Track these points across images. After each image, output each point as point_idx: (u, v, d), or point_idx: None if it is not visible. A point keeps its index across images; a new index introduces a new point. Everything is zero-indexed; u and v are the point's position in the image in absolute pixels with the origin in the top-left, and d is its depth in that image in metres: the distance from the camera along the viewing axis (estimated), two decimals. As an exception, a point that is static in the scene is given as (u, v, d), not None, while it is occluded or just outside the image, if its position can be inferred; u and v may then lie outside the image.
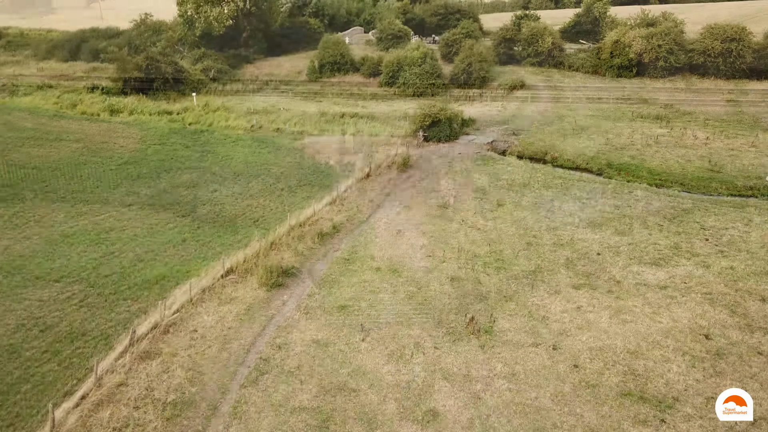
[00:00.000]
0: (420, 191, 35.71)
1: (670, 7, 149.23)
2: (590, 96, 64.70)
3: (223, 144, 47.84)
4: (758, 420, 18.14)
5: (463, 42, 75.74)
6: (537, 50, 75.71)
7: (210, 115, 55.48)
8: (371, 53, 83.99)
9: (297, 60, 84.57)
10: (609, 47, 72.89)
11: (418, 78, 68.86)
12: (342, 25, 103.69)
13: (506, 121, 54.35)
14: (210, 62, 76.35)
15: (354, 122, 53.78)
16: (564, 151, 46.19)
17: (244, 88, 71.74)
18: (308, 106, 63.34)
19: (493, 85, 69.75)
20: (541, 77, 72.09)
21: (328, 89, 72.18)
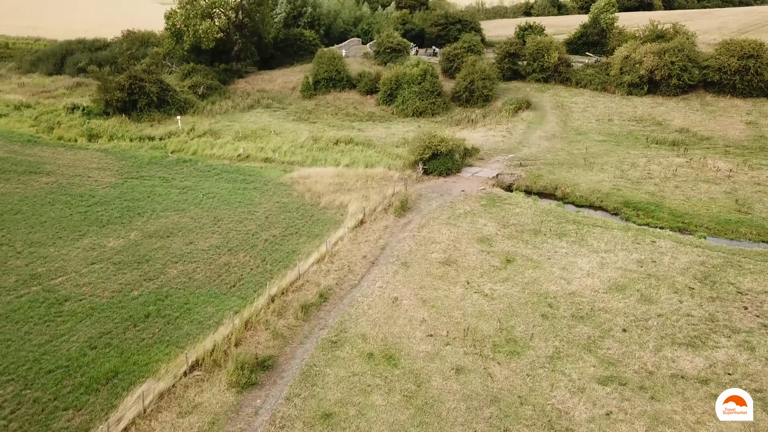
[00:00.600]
0: (419, 242, 31.99)
1: (677, 14, 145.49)
2: (600, 117, 61.02)
3: (206, 177, 44.12)
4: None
5: (465, 57, 72.05)
6: (542, 65, 72.02)
7: (195, 142, 51.77)
8: (369, 67, 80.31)
9: (291, 74, 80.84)
10: (618, 63, 69.23)
11: (418, 97, 65.16)
12: (339, 35, 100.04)
13: (512, 149, 50.64)
14: (199, 78, 72.59)
15: (349, 150, 50.07)
16: (576, 186, 42.50)
17: (234, 105, 67.96)
18: (301, 128, 59.66)
19: (497, 104, 66.04)
20: (548, 95, 68.40)
21: (323, 108, 68.45)
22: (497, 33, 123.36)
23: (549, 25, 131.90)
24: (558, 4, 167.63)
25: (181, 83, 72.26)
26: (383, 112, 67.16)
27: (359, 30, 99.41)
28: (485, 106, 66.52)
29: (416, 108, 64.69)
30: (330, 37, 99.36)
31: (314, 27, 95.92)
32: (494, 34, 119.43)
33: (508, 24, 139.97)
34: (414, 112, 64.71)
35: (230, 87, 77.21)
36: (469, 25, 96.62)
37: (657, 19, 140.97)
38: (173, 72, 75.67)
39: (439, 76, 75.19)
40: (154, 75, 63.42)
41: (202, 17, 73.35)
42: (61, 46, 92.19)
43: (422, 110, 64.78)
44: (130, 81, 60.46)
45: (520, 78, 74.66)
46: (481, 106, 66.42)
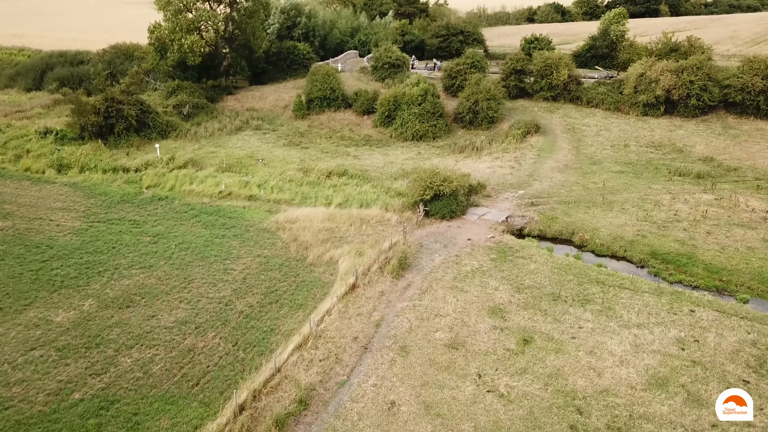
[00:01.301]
0: (421, 316, 27.35)
1: (685, 20, 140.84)
2: (615, 142, 56.40)
3: (182, 220, 39.47)
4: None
5: (469, 75, 67.46)
6: (551, 83, 67.42)
7: (174, 175, 47.09)
8: (366, 84, 75.73)
9: (283, 90, 76.18)
10: (633, 81, 64.63)
11: (418, 119, 60.54)
12: (335, 46, 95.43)
13: (522, 183, 45.99)
14: (184, 96, 67.96)
15: (342, 185, 45.42)
16: (595, 232, 37.88)
17: (221, 127, 63.32)
18: (291, 155, 55.05)
19: (503, 126, 61.43)
20: (558, 116, 63.79)
21: (316, 131, 63.82)
22: (501, 43, 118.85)
23: (553, 34, 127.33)
24: (562, 10, 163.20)
25: (165, 102, 67.68)
26: (381, 134, 62.53)
27: (356, 41, 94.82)
28: (490, 128, 62.00)
29: (416, 131, 60.09)
30: (325, 49, 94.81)
31: (309, 38, 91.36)
32: (497, 44, 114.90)
33: (512, 32, 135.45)
34: (414, 135, 60.10)
35: (219, 104, 72.66)
36: (471, 36, 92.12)
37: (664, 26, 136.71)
38: (157, 89, 71.04)
39: (441, 93, 70.71)
40: (133, 96, 58.76)
41: (188, 31, 68.67)
42: (41, 59, 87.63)
43: (423, 134, 60.19)
44: (107, 104, 55.80)
45: (527, 96, 70.10)
46: (485, 128, 61.91)
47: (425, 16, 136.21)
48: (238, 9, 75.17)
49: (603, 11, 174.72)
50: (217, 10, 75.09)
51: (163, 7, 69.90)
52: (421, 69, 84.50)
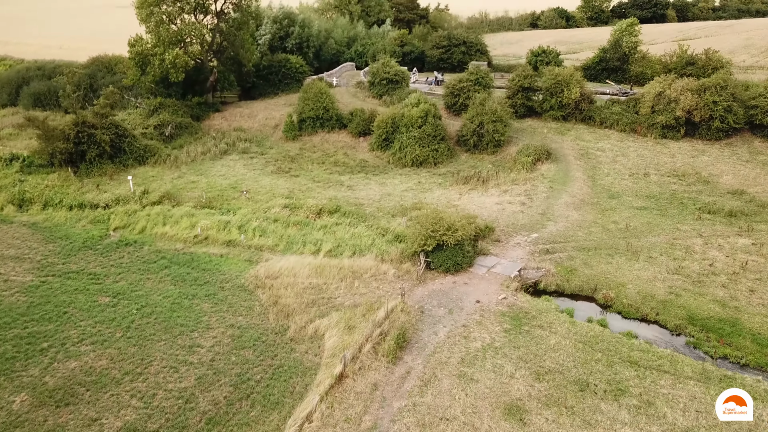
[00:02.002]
0: (422, 421, 22.48)
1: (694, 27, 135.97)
2: (634, 170, 51.53)
3: (149, 273, 34.58)
4: None
5: (472, 93, 62.66)
6: (561, 102, 62.55)
7: (146, 213, 42.20)
8: (362, 100, 70.95)
9: (274, 107, 71.39)
10: (650, 100, 59.78)
11: (418, 143, 55.68)
12: (330, 57, 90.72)
13: (534, 224, 41.09)
14: (166, 115, 63.14)
15: (333, 225, 40.53)
16: (621, 288, 33.04)
17: (205, 151, 58.43)
18: (279, 185, 50.23)
19: (511, 151, 56.59)
20: (569, 139, 58.93)
21: (308, 154, 58.94)
22: (504, 51, 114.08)
23: (559, 42, 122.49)
24: (566, 16, 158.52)
25: (145, 122, 62.85)
26: (378, 159, 57.67)
27: (353, 52, 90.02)
28: (496, 152, 57.20)
29: (416, 157, 55.24)
30: (320, 60, 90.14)
31: (303, 49, 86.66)
32: (501, 54, 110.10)
33: (516, 40, 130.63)
34: (413, 161, 55.26)
35: (205, 123, 67.90)
36: (474, 47, 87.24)
37: (673, 33, 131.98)
38: (138, 107, 66.15)
39: (442, 111, 65.95)
40: (108, 118, 53.86)
41: (170, 44, 63.79)
42: (17, 72, 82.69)
43: (423, 159, 55.36)
44: (77, 129, 50.92)
45: (535, 115, 65.25)
46: (491, 152, 57.10)
47: (425, 23, 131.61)
48: (226, 20, 70.40)
49: (608, 17, 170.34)
50: (204, 21, 70.35)
51: (145, 19, 65.13)
52: (421, 83, 79.71)
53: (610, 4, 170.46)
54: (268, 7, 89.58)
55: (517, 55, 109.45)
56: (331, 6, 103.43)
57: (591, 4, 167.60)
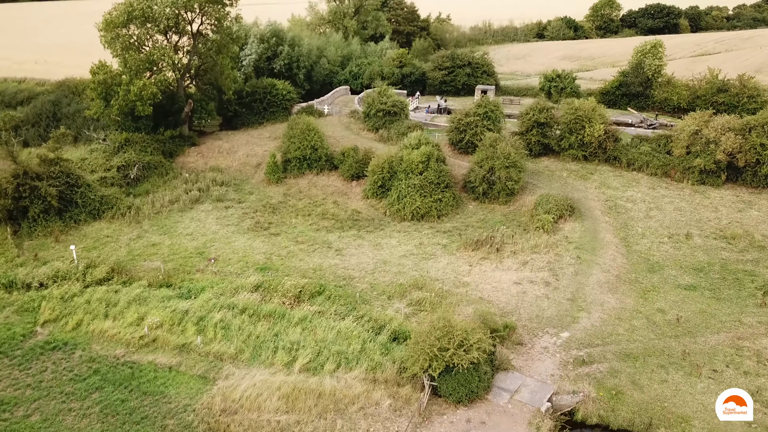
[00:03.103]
0: None
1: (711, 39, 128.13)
2: (673, 230, 43.76)
3: (72, 401, 26.83)
4: None
5: (480, 130, 55.09)
6: (582, 139, 54.89)
7: (86, 298, 34.43)
8: (356, 134, 63.38)
9: (258, 140, 63.68)
10: (685, 140, 52.02)
11: (419, 192, 47.95)
12: (323, 78, 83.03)
13: (563, 316, 33.31)
14: (132, 154, 55.41)
15: (315, 315, 32.77)
16: (685, 423, 25.32)
17: (173, 199, 50.66)
18: (255, 248, 42.56)
19: (526, 200, 48.88)
20: (593, 185, 51.25)
21: (292, 203, 51.19)
22: (512, 69, 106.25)
23: (569, 56, 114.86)
24: (574, 26, 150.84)
25: (107, 162, 55.05)
26: (372, 209, 49.94)
27: (347, 73, 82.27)
28: (509, 201, 49.53)
29: (416, 209, 47.51)
30: (312, 81, 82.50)
31: (292, 70, 79.01)
32: (508, 71, 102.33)
33: (522, 53, 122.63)
34: (414, 214, 47.54)
35: (178, 160, 60.23)
36: (480, 68, 79.45)
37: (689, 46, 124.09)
38: (103, 143, 58.36)
39: (446, 148, 58.37)
40: (57, 166, 46.10)
41: (137, 72, 56.07)
42: (-23, 98, 74.88)
43: (425, 212, 47.66)
44: (17, 181, 43.23)
45: (551, 153, 57.60)
46: (503, 201, 49.42)
47: (426, 35, 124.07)
48: (204, 42, 62.66)
49: (618, 26, 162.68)
50: (180, 42, 62.65)
51: (110, 43, 57.37)
52: (421, 111, 71.99)
53: (620, 13, 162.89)
54: (255, 23, 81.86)
55: (525, 72, 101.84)
56: (324, 21, 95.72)
57: (599, 13, 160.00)
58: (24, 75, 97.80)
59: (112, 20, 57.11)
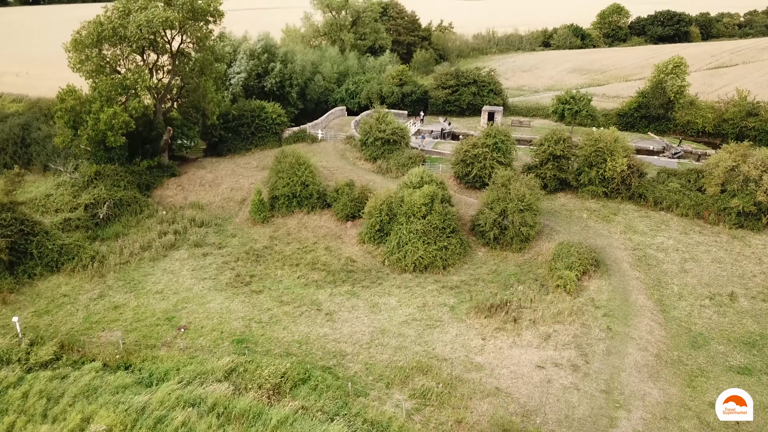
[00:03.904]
0: None
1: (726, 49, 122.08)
2: (714, 288, 38.11)
3: None
4: None
5: (489, 163, 49.51)
6: (603, 174, 49.26)
7: (25, 387, 28.71)
8: (352, 164, 57.78)
9: (244, 170, 58.02)
10: (719, 177, 46.47)
11: (421, 239, 42.28)
12: (317, 96, 77.37)
13: (597, 418, 27.49)
14: (102, 191, 49.70)
15: (296, 414, 27.08)
16: None
17: (145, 246, 45.00)
18: (233, 310, 36.95)
19: (542, 247, 43.24)
20: (617, 229, 45.61)
21: (279, 247, 45.55)
22: (518, 82, 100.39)
23: (578, 68, 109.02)
24: (581, 34, 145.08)
25: (75, 200, 49.39)
26: (370, 257, 44.26)
27: (343, 91, 76.56)
28: (523, 248, 43.88)
29: (419, 259, 41.81)
30: (306, 100, 76.92)
31: (284, 88, 73.36)
32: (515, 86, 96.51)
33: (529, 65, 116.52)
34: (416, 264, 41.85)
35: (156, 194, 54.66)
36: (487, 87, 73.76)
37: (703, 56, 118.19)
38: (71, 177, 52.70)
39: (451, 182, 52.86)
40: (10, 212, 40.41)
41: (108, 99, 50.48)
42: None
43: (429, 262, 41.95)
44: (-40, 234, 37.58)
45: (568, 188, 52.01)
46: (517, 249, 43.81)
47: (427, 45, 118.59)
48: (186, 62, 57.06)
49: (626, 34, 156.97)
50: (160, 61, 57.08)
51: (80, 66, 51.80)
52: (425, 135, 66.35)
53: (628, 21, 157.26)
54: (244, 38, 76.18)
55: (532, 86, 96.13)
56: (319, 33, 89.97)
57: (607, 20, 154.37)
58: (1, 90, 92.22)
59: (81, 40, 51.57)
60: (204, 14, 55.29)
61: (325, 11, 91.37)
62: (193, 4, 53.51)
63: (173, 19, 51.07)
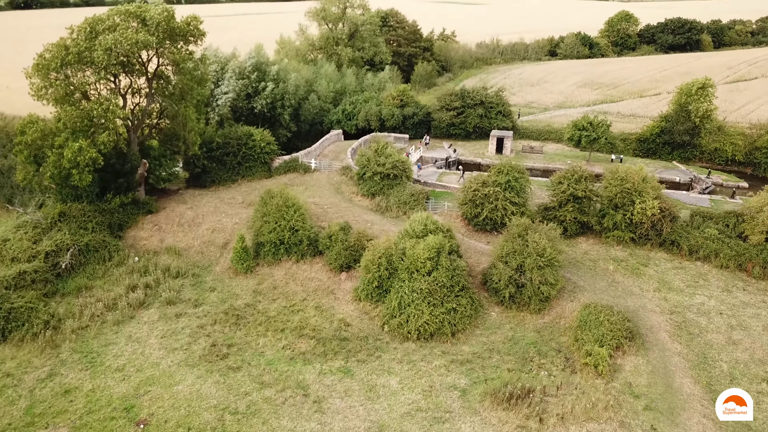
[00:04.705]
0: None
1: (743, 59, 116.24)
2: (771, 369, 32.37)
3: None
4: None
5: (502, 204, 43.95)
6: (631, 217, 43.64)
7: None
8: (348, 200, 52.19)
9: (229, 207, 52.36)
10: (764, 224, 40.87)
11: (426, 301, 36.60)
12: (312, 118, 71.82)
13: None
14: (67, 234, 44.09)
15: None
16: None
17: (111, 303, 39.41)
18: (205, 394, 31.37)
19: (563, 308, 37.63)
20: (649, 285, 40.12)
21: (264, 305, 39.95)
22: (526, 98, 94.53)
23: (589, 81, 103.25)
24: (589, 43, 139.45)
25: (34, 247, 43.69)
26: (367, 319, 38.62)
27: (340, 112, 70.95)
28: (543, 310, 38.21)
29: (423, 325, 36.12)
30: (299, 121, 71.43)
31: (276, 110, 67.77)
32: (523, 102, 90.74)
33: (536, 77, 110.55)
34: (420, 332, 36.16)
35: (129, 235, 49.11)
36: (495, 108, 68.13)
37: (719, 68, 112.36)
38: (32, 219, 46.99)
39: (458, 222, 47.31)
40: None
41: (74, 132, 44.88)
42: None
43: (435, 329, 36.29)
44: None
45: (589, 231, 46.30)
46: (535, 310, 38.17)
47: (429, 56, 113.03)
48: (165, 85, 51.46)
49: (635, 42, 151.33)
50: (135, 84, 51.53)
51: (42, 93, 46.09)
52: (429, 166, 60.70)
53: (637, 28, 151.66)
54: (233, 55, 70.52)
55: (541, 103, 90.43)
56: (314, 47, 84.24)
57: (615, 28, 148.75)
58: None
59: (44, 64, 45.84)
60: (183, 34, 49.68)
61: (321, 24, 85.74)
62: (169, 24, 47.86)
63: (145, 41, 45.40)
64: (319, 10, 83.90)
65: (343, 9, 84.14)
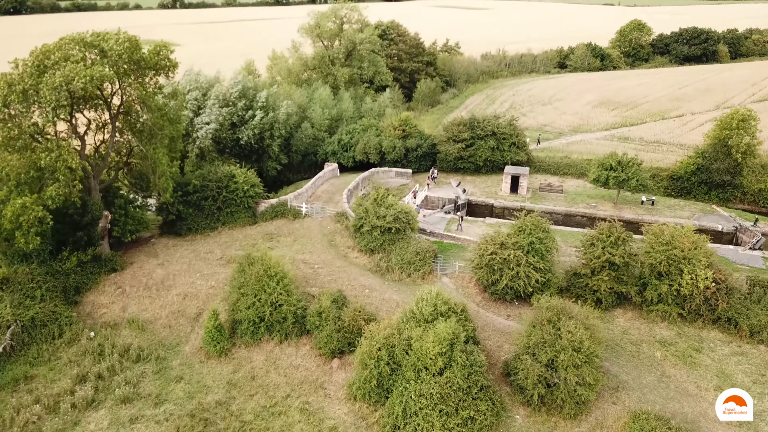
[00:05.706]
0: None
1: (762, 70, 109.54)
2: None
3: None
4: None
5: (525, 271, 36.96)
6: (679, 289, 36.55)
7: None
8: (343, 255, 45.23)
9: (205, 263, 45.31)
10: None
11: (437, 410, 29.57)
12: (305, 148, 64.84)
13: None
14: (8, 308, 37.06)
15: None
16: None
17: (52, 403, 32.41)
18: None
19: (604, 413, 30.58)
20: (708, 383, 32.94)
21: (238, 405, 32.86)
22: (538, 120, 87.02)
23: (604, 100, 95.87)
24: (600, 54, 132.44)
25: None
26: (363, 426, 31.61)
27: (335, 142, 63.87)
28: (579, 415, 31.12)
29: None
30: (291, 152, 64.47)
31: (264, 141, 60.81)
32: (535, 126, 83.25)
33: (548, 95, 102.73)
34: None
35: (87, 301, 42.49)
36: (508, 140, 61.10)
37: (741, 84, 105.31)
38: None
39: (472, 289, 40.35)
40: None
41: (18, 184, 37.93)
42: None
43: (449, 444, 29.20)
44: None
45: (628, 303, 39.18)
46: (570, 415, 31.08)
47: (433, 70, 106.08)
48: (132, 121, 44.46)
49: (648, 53, 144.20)
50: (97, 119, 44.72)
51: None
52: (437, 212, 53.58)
53: (650, 38, 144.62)
54: (216, 79, 63.43)
55: (556, 127, 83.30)
56: (308, 67, 77.10)
57: (627, 38, 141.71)
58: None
59: (-14, 102, 38.80)
60: (151, 66, 42.67)
61: (315, 41, 78.60)
62: (133, 55, 40.81)
63: (102, 76, 38.34)
64: (313, 27, 76.75)
65: (340, 25, 77.01)
